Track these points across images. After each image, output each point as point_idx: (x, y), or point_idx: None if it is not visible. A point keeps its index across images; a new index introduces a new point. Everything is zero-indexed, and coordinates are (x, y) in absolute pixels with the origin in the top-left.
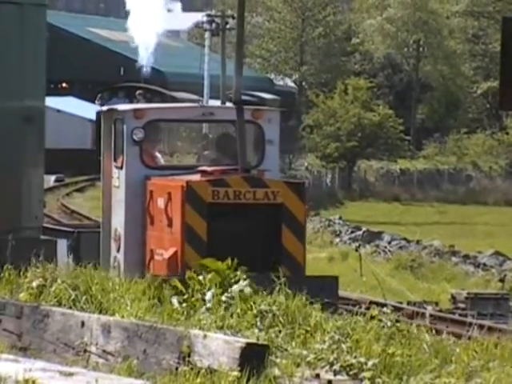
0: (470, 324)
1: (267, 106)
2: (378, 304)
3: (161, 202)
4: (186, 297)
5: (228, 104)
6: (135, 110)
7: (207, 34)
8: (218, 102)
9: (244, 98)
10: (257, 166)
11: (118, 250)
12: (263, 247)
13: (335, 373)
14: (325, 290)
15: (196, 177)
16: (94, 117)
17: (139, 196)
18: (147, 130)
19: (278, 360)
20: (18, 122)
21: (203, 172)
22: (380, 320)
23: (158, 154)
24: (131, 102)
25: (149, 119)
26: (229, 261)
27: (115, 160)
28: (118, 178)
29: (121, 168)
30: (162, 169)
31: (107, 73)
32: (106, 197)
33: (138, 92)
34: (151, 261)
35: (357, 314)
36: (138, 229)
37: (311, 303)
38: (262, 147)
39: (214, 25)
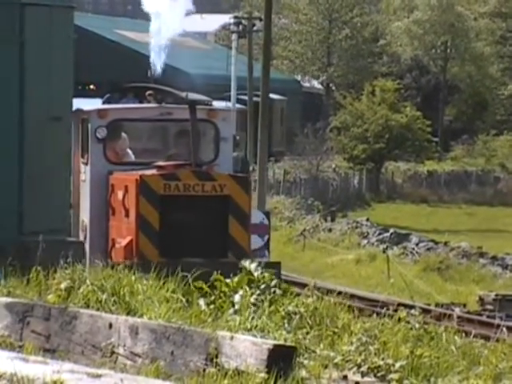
0: (498, 326)
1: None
2: (405, 306)
3: (120, 195)
4: (213, 298)
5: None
6: (99, 110)
7: (234, 36)
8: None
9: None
10: (212, 161)
11: (85, 240)
12: (211, 235)
13: (363, 374)
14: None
15: (151, 171)
16: None
17: (103, 190)
18: (110, 128)
19: (305, 362)
20: (45, 123)
21: (158, 167)
22: (408, 322)
23: (128, 151)
24: (141, 102)
25: (112, 119)
26: None
27: (82, 156)
28: (85, 173)
29: (87, 164)
30: (123, 164)
31: (134, 74)
32: (75, 191)
33: (147, 93)
34: (112, 249)
35: (384, 315)
36: (101, 220)
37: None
38: (216, 144)
39: (240, 27)
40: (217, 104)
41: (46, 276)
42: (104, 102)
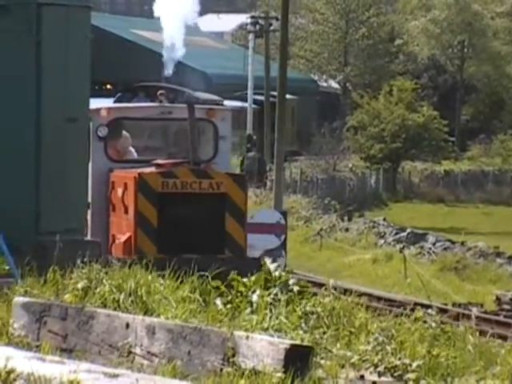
0: None
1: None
2: (422, 306)
3: (119, 192)
4: (230, 298)
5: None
6: (100, 109)
7: (251, 36)
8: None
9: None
10: (211, 159)
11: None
12: (208, 232)
13: (380, 374)
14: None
15: (149, 169)
16: None
17: (104, 186)
18: (111, 127)
19: (322, 361)
20: (62, 123)
21: (157, 165)
22: (425, 321)
23: (131, 149)
24: (152, 101)
25: (112, 117)
26: None
27: None
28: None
29: (88, 161)
30: (124, 162)
31: (151, 74)
32: None
33: (159, 92)
34: (113, 244)
35: (401, 315)
36: (102, 216)
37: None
38: (215, 143)
39: (257, 26)
40: (228, 103)
41: (63, 276)
42: (115, 102)
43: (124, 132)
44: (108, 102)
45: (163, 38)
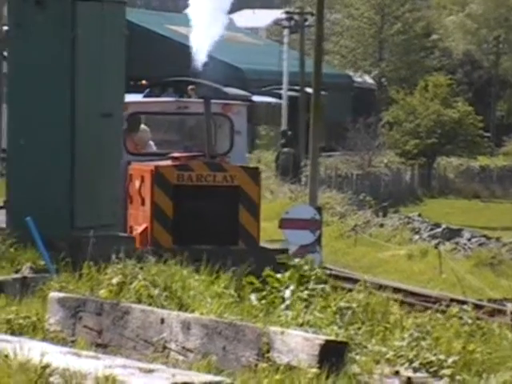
0: None
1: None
2: (458, 301)
3: (137, 184)
4: (264, 294)
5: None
6: None
7: (286, 31)
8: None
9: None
10: (226, 153)
11: None
12: (222, 224)
13: (415, 370)
14: (278, 262)
15: (165, 162)
16: None
17: (122, 179)
18: (129, 121)
19: (357, 357)
20: (97, 119)
21: (173, 158)
22: (460, 317)
23: (151, 143)
24: (181, 96)
25: (131, 112)
26: None
27: None
28: None
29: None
30: (141, 155)
31: (186, 70)
32: None
33: (190, 87)
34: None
35: (437, 311)
36: (121, 208)
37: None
38: (231, 137)
39: (292, 22)
40: (257, 99)
41: (98, 271)
42: (144, 97)
43: (143, 126)
44: (137, 97)
45: (191, 31)
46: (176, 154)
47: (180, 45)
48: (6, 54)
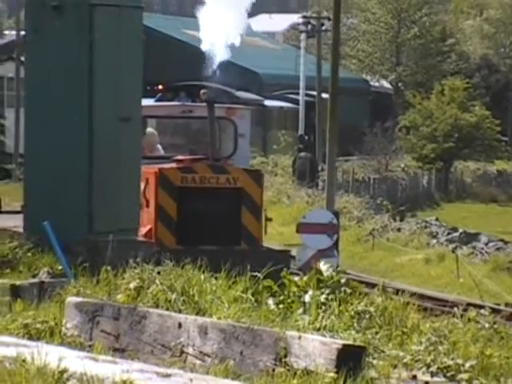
0: None
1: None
2: (475, 306)
3: (142, 186)
4: (282, 298)
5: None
6: None
7: (303, 36)
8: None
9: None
10: (230, 155)
11: None
12: (225, 225)
13: (432, 374)
14: (280, 262)
15: (170, 165)
16: None
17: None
18: None
19: (374, 361)
20: (115, 123)
21: (177, 161)
22: (477, 322)
23: (158, 146)
24: (194, 101)
25: None
26: None
27: None
28: None
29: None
30: (147, 158)
31: (202, 74)
32: None
33: (202, 91)
34: None
35: (454, 315)
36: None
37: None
38: (234, 140)
39: (309, 26)
40: (269, 103)
41: (116, 276)
42: (156, 101)
43: (150, 129)
44: (148, 102)
45: (202, 35)
46: (180, 157)
47: (197, 49)
48: (23, 58)
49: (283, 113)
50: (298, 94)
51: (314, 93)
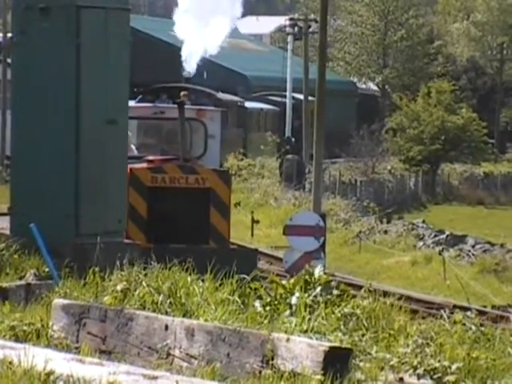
0: None
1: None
2: (461, 308)
3: None
4: (269, 300)
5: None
6: None
7: (290, 38)
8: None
9: None
10: (201, 156)
11: None
12: (194, 224)
13: (419, 376)
14: (247, 261)
15: (140, 165)
16: None
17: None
18: None
19: (361, 364)
20: (102, 125)
21: (148, 161)
22: (464, 324)
23: (132, 147)
24: (174, 103)
25: None
26: None
27: None
28: None
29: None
30: None
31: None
32: None
33: (182, 93)
34: None
35: (441, 317)
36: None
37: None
38: (205, 141)
39: (296, 28)
40: (248, 104)
41: (103, 278)
42: (136, 103)
43: None
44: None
45: (182, 36)
46: (151, 157)
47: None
48: (10, 60)
49: (263, 114)
50: (280, 96)
51: (298, 95)
